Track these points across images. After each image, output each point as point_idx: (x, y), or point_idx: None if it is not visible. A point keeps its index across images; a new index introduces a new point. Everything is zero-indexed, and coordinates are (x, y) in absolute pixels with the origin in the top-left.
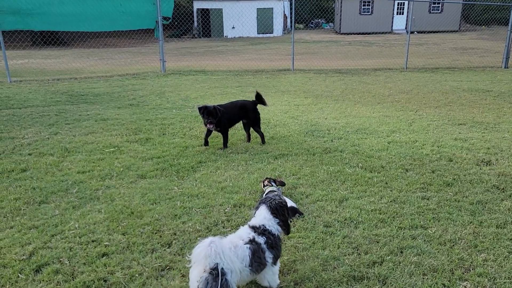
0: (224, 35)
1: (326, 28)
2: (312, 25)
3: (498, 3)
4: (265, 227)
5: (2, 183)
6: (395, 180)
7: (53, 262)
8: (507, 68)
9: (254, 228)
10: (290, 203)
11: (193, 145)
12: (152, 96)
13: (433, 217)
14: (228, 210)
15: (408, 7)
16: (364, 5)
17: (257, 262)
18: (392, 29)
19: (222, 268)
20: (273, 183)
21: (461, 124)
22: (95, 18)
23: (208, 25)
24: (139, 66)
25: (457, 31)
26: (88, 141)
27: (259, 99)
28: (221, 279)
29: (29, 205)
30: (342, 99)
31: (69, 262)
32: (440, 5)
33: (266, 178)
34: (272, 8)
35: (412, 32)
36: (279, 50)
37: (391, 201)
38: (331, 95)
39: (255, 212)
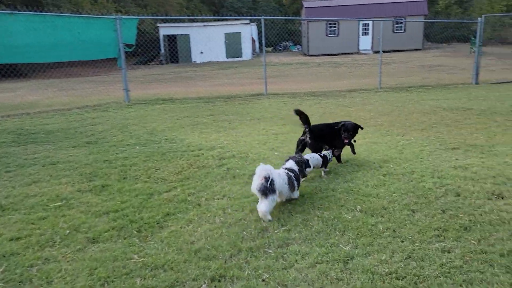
0: (193, 60)
1: (294, 50)
2: (280, 48)
3: (456, 20)
4: (293, 169)
5: None
6: (403, 226)
7: None
8: (478, 84)
9: (287, 169)
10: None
11: (160, 191)
12: (113, 131)
13: (463, 280)
14: None
15: (373, 28)
16: (330, 27)
17: (290, 183)
18: (358, 50)
19: (270, 176)
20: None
21: (454, 148)
22: (52, 48)
23: (175, 51)
24: (101, 96)
25: (420, 49)
26: (30, 193)
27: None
28: (271, 181)
29: None
30: None
31: None
32: (403, 24)
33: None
34: (240, 32)
35: (377, 52)
36: (249, 74)
37: (406, 258)
38: (310, 120)
39: (285, 163)
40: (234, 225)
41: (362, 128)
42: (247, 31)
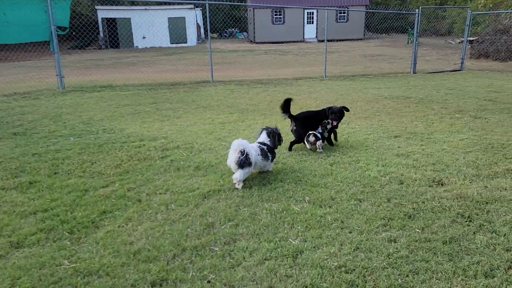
0: (135, 45)
1: (240, 37)
2: (226, 34)
3: (396, 11)
4: (264, 142)
5: None
6: (351, 216)
7: None
8: (416, 73)
9: (259, 143)
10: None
11: (96, 186)
12: (44, 121)
13: (410, 270)
14: None
15: (317, 17)
16: (276, 15)
17: (263, 155)
18: (304, 38)
19: (246, 150)
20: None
21: (396, 136)
22: None
23: (115, 35)
24: (32, 83)
25: (362, 39)
26: None
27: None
28: (246, 155)
29: None
30: (269, 113)
31: None
32: (345, 14)
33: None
34: (184, 17)
35: (322, 41)
36: (195, 60)
37: (354, 250)
38: (257, 109)
39: (259, 134)
40: (177, 222)
41: (348, 110)
42: (192, 16)
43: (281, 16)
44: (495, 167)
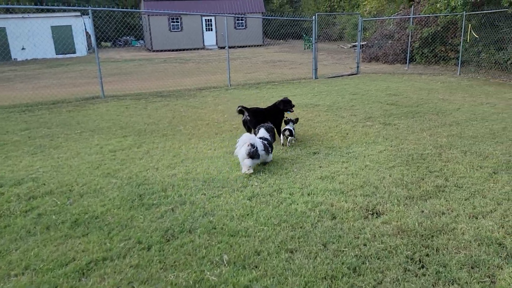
0: (12, 58)
1: (136, 45)
2: (120, 43)
3: (295, 18)
4: (265, 137)
5: None
6: (284, 280)
7: None
8: (317, 78)
9: (261, 138)
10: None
11: None
12: None
13: None
14: None
15: (216, 24)
16: (173, 22)
17: (265, 149)
18: (204, 45)
19: (255, 144)
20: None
21: (315, 152)
22: None
23: None
24: None
25: (261, 45)
26: None
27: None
28: (255, 148)
29: None
30: (172, 133)
31: None
32: (244, 21)
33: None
34: (71, 26)
35: (223, 47)
36: (84, 72)
37: None
38: (157, 128)
39: (257, 131)
40: None
41: (293, 106)
42: (79, 24)
43: (179, 23)
44: (424, 184)
